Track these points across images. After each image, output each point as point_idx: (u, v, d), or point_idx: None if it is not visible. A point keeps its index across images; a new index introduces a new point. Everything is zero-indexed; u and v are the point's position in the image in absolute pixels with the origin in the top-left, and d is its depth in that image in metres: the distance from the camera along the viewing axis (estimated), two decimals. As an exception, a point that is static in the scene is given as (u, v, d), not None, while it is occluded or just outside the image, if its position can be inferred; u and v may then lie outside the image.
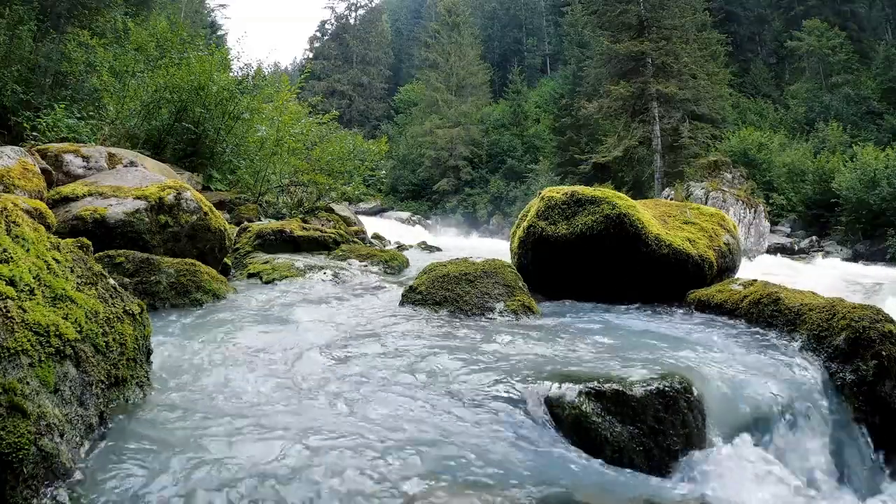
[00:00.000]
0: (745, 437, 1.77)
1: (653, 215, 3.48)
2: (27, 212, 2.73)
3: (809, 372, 2.13)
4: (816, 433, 1.89)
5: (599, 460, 1.55)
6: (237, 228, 5.47)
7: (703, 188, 21.59)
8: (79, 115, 8.81)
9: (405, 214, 32.81)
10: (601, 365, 1.97)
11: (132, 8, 15.21)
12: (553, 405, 1.63)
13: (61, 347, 1.23)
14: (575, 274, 3.35)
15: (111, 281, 1.61)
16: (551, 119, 33.90)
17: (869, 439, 2.00)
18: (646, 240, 3.16)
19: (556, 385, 1.69)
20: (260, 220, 7.06)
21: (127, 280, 2.71)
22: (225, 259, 4.23)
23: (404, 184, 39.15)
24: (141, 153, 6.69)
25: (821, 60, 31.44)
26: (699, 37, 26.88)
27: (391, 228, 17.93)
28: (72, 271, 1.45)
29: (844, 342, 2.15)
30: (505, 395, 1.70)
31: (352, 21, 54.00)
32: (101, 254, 2.80)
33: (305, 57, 55.51)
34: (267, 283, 3.92)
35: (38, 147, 5.28)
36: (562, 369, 1.91)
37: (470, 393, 1.73)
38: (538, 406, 1.65)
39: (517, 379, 1.79)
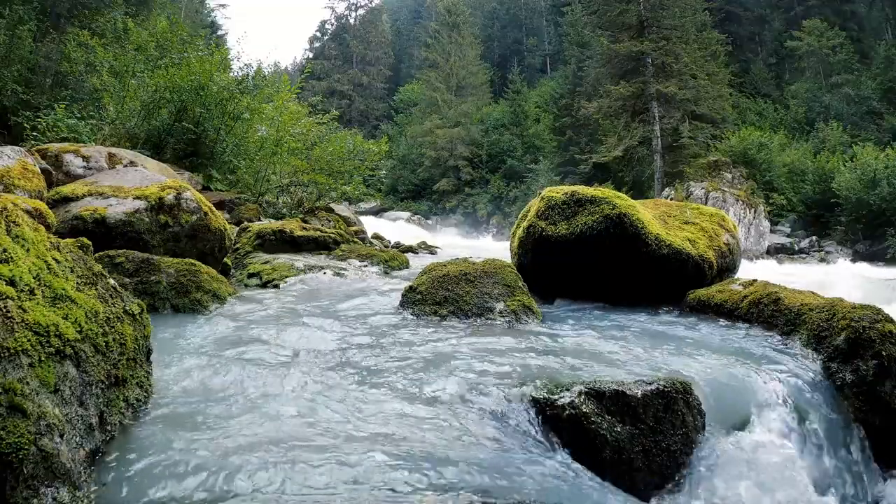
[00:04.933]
0: (745, 437, 1.77)
1: (653, 215, 3.48)
2: (27, 212, 2.73)
3: (810, 372, 2.13)
4: (817, 433, 1.89)
5: (598, 462, 1.55)
6: (237, 228, 5.47)
7: (703, 188, 21.60)
8: (79, 115, 8.81)
9: (405, 214, 32.82)
10: (600, 365, 1.97)
11: (132, 8, 15.21)
12: (553, 405, 1.63)
13: (61, 347, 1.23)
14: (575, 274, 3.35)
15: (111, 281, 1.61)
16: (551, 119, 33.85)
17: (869, 439, 2.00)
18: (646, 240, 3.16)
19: (556, 385, 1.69)
20: (260, 220, 7.05)
21: (127, 280, 2.71)
22: (225, 259, 4.23)
23: (404, 184, 39.14)
24: (141, 153, 6.69)
25: (821, 60, 31.41)
26: (699, 37, 26.85)
27: (391, 228, 17.94)
28: (72, 271, 1.45)
29: (844, 342, 2.15)
30: (504, 396, 1.70)
31: (352, 21, 54.00)
32: (101, 254, 2.80)
33: (305, 57, 55.52)
34: (267, 283, 3.92)
35: (38, 147, 5.29)
36: (561, 370, 1.91)
37: (468, 394, 1.73)
38: (538, 406, 1.65)
39: (517, 380, 1.79)
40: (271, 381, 1.79)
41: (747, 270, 4.49)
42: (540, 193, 3.56)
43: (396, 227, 20.58)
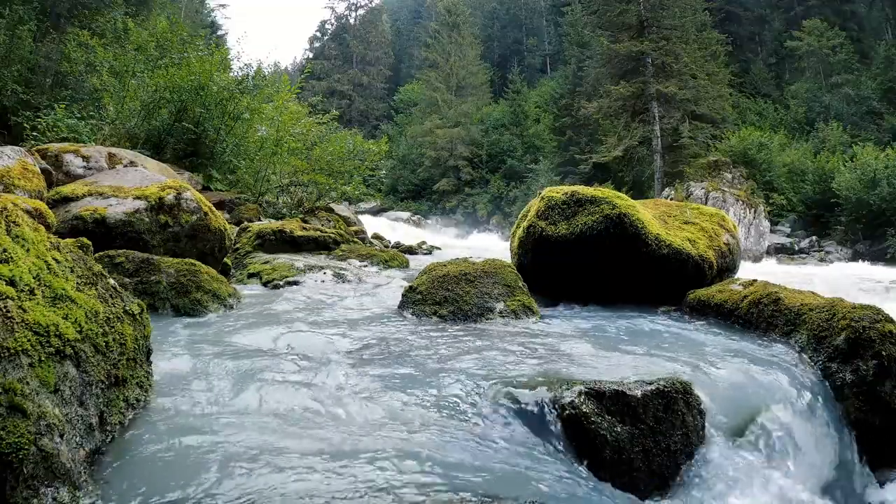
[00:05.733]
0: (745, 437, 1.77)
1: (653, 215, 3.48)
2: (27, 212, 2.73)
3: (810, 372, 2.13)
4: (817, 434, 1.89)
5: (598, 462, 1.54)
6: (237, 228, 5.47)
7: (703, 188, 21.59)
8: (79, 115, 8.82)
9: (405, 214, 32.82)
10: (600, 365, 1.97)
11: (132, 8, 15.22)
12: (552, 406, 1.63)
13: (61, 347, 1.23)
14: (575, 274, 3.35)
15: (111, 281, 1.61)
16: (551, 119, 33.82)
17: (869, 440, 2.00)
18: (646, 240, 3.16)
19: (556, 385, 1.69)
20: (260, 220, 7.05)
21: (127, 280, 2.71)
22: (225, 259, 4.23)
23: (404, 184, 39.13)
24: (141, 153, 6.70)
25: (821, 60, 31.39)
26: (699, 37, 26.83)
27: (391, 228, 17.95)
28: (72, 271, 1.45)
29: (844, 342, 2.15)
30: (504, 396, 1.70)
31: (352, 21, 54.00)
32: (101, 254, 2.80)
33: (305, 57, 55.53)
34: (266, 283, 3.92)
35: (38, 147, 5.29)
36: (561, 370, 1.91)
37: (467, 395, 1.73)
38: (537, 407, 1.65)
39: (516, 380, 1.79)
40: (271, 382, 1.79)
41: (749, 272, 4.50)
42: (540, 193, 3.56)
43: (396, 227, 20.57)
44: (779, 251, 20.73)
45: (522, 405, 1.65)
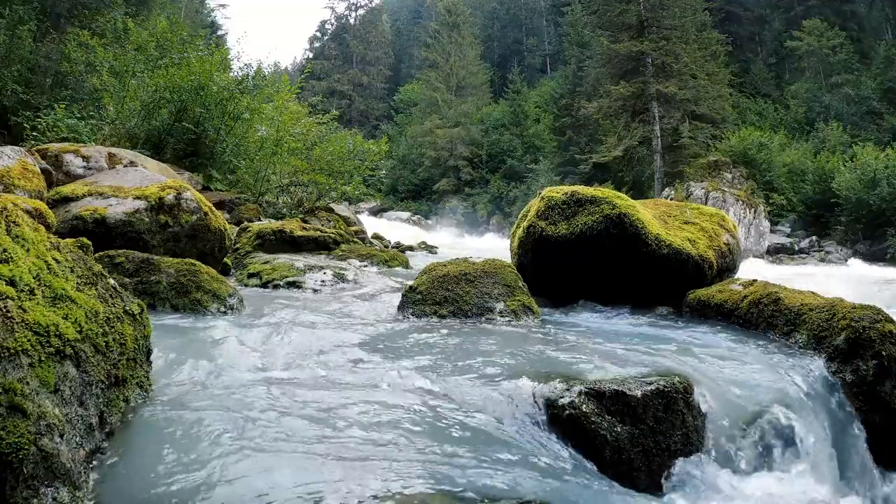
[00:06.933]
0: (745, 437, 1.77)
1: (653, 215, 3.48)
2: (27, 212, 2.73)
3: (809, 372, 2.13)
4: (816, 434, 1.89)
5: (598, 461, 1.55)
6: (237, 228, 5.47)
7: (703, 188, 21.61)
8: (79, 115, 8.82)
9: (405, 214, 32.85)
10: (600, 365, 1.97)
11: (132, 8, 15.22)
12: (552, 406, 1.63)
13: (61, 347, 1.23)
14: (575, 274, 3.35)
15: (111, 281, 1.61)
16: (551, 119, 33.84)
17: (869, 439, 2.00)
18: (646, 240, 3.16)
19: (556, 385, 1.69)
20: (260, 220, 7.05)
21: (127, 280, 2.70)
22: (225, 259, 4.23)
23: (404, 184, 39.15)
24: (141, 153, 6.69)
25: (821, 60, 31.41)
26: (699, 37, 26.84)
27: (391, 228, 17.96)
28: (72, 271, 1.45)
29: (844, 342, 2.15)
30: (503, 396, 1.70)
31: (352, 21, 54.05)
32: (101, 254, 2.79)
33: (305, 57, 55.59)
34: (266, 283, 3.91)
35: (38, 147, 5.29)
36: (561, 370, 1.91)
37: (468, 395, 1.73)
38: (537, 407, 1.65)
39: (516, 380, 1.79)
40: (271, 382, 1.79)
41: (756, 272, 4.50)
42: (540, 193, 3.56)
43: (396, 227, 20.59)
44: (779, 251, 20.75)
45: (522, 404, 1.65)
